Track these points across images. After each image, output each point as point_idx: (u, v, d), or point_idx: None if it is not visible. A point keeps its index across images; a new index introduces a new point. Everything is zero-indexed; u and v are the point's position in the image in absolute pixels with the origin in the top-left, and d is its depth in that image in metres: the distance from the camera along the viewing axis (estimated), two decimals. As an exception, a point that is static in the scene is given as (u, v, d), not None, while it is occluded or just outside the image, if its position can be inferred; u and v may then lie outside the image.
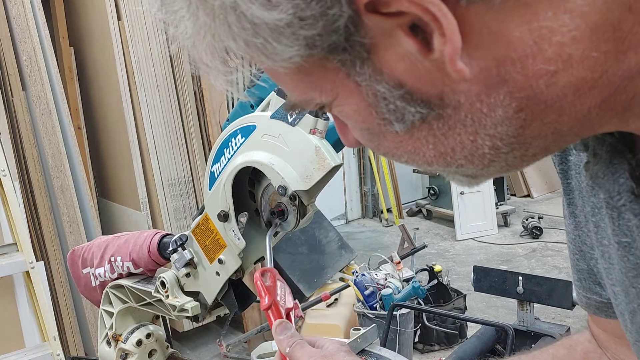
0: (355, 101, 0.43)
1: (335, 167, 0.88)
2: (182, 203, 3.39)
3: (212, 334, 3.52)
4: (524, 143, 0.43)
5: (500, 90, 0.40)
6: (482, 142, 0.42)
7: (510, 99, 0.40)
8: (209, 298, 1.11)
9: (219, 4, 0.39)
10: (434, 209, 5.96)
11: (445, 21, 0.36)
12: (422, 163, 0.46)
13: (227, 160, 0.99)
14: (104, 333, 1.27)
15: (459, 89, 0.40)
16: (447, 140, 0.43)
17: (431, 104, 0.41)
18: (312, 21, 0.38)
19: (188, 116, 3.40)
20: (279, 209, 0.96)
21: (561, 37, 0.37)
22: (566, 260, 4.63)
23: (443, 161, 0.45)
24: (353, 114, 0.45)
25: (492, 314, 3.74)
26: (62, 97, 3.11)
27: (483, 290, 2.88)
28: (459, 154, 0.44)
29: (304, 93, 0.46)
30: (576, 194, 0.61)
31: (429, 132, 0.43)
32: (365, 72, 0.41)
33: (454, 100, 0.41)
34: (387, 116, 0.43)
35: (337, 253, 3.79)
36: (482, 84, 0.40)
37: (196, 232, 1.09)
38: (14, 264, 2.39)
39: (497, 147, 0.43)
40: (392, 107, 0.42)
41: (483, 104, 0.40)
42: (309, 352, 0.72)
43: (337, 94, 0.44)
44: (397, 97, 0.41)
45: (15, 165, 2.92)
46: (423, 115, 0.42)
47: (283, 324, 0.76)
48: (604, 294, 0.65)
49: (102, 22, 3.25)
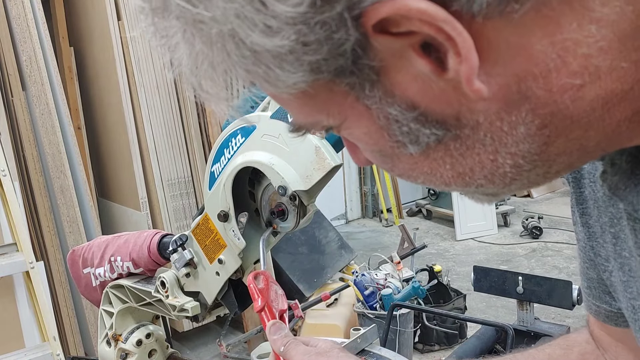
0: (366, 124, 0.41)
1: (335, 167, 0.88)
2: (182, 203, 3.39)
3: (212, 334, 3.51)
4: (547, 160, 0.41)
5: (522, 108, 0.37)
6: (502, 161, 0.40)
7: (532, 115, 0.38)
8: (209, 298, 1.11)
9: (216, 32, 0.36)
10: (434, 209, 5.96)
11: (460, 40, 0.34)
12: (439, 184, 0.44)
13: (227, 160, 0.99)
14: (104, 333, 1.27)
15: (477, 109, 0.38)
16: (466, 160, 0.41)
17: (447, 125, 0.39)
18: (317, 46, 0.35)
19: (188, 116, 3.40)
20: (279, 209, 0.96)
21: (587, 48, 0.35)
22: (566, 260, 4.63)
23: (462, 181, 0.43)
24: (363, 137, 0.43)
25: (492, 314, 3.74)
26: (62, 97, 3.11)
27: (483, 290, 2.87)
28: (479, 174, 0.42)
29: (310, 116, 0.44)
30: (590, 203, 0.58)
31: (445, 152, 0.41)
32: (375, 95, 0.39)
33: (472, 120, 0.39)
34: (400, 138, 0.41)
35: (337, 253, 3.79)
36: (501, 101, 0.37)
37: (196, 232, 1.09)
38: (14, 264, 2.39)
39: (519, 165, 0.40)
40: (406, 130, 0.40)
41: (503, 122, 0.38)
42: (302, 351, 0.73)
43: (345, 117, 0.42)
44: (411, 119, 0.39)
45: (15, 165, 2.92)
46: (439, 136, 0.40)
47: (277, 325, 0.77)
48: (614, 303, 0.64)
49: (102, 22, 3.25)
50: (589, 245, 0.61)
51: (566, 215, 5.71)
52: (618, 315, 0.65)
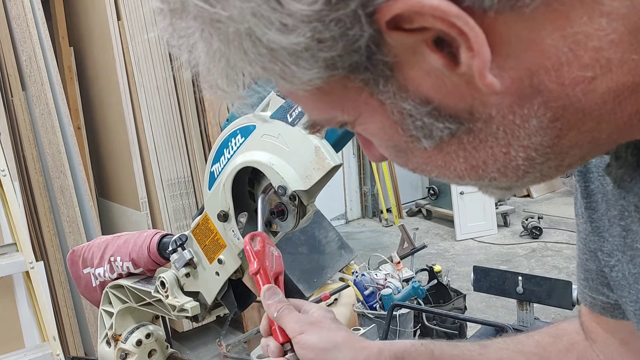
0: (380, 119, 0.42)
1: (335, 167, 0.88)
2: (182, 203, 3.39)
3: (212, 334, 3.51)
4: (559, 153, 0.41)
5: (534, 101, 0.38)
6: (515, 153, 0.41)
7: (545, 109, 0.38)
8: (208, 298, 1.11)
9: (233, 31, 0.37)
10: (434, 209, 5.96)
11: (472, 34, 0.35)
12: (453, 177, 0.44)
13: (226, 160, 0.99)
14: (104, 333, 1.27)
15: (490, 102, 0.38)
16: (479, 153, 0.41)
17: (460, 119, 0.40)
18: (332, 43, 0.36)
19: (188, 116, 3.40)
20: (279, 209, 0.96)
21: (598, 41, 0.36)
22: (566, 260, 4.63)
23: (475, 175, 0.43)
24: (378, 132, 0.43)
25: (492, 314, 3.74)
26: (62, 97, 3.11)
27: (483, 290, 2.87)
28: (492, 167, 0.42)
29: (325, 112, 0.44)
30: (598, 197, 0.59)
31: (458, 146, 0.41)
32: (389, 90, 0.39)
33: (485, 113, 0.39)
34: (414, 133, 0.41)
35: (337, 253, 3.79)
36: (514, 95, 0.38)
37: (196, 232, 1.09)
38: (14, 264, 2.39)
39: (532, 158, 0.41)
40: (419, 124, 0.40)
41: (516, 116, 0.39)
42: (296, 318, 0.73)
43: (359, 112, 0.42)
44: (424, 113, 0.40)
45: (15, 165, 2.92)
46: (452, 130, 0.40)
47: (272, 289, 0.77)
48: (611, 295, 0.64)
49: (102, 22, 3.25)
50: (591, 239, 0.62)
51: (566, 215, 5.72)
52: (615, 307, 0.65)
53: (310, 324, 0.72)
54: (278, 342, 0.73)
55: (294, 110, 0.88)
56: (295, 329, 0.72)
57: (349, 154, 6.15)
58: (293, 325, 0.72)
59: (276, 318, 0.74)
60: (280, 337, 0.73)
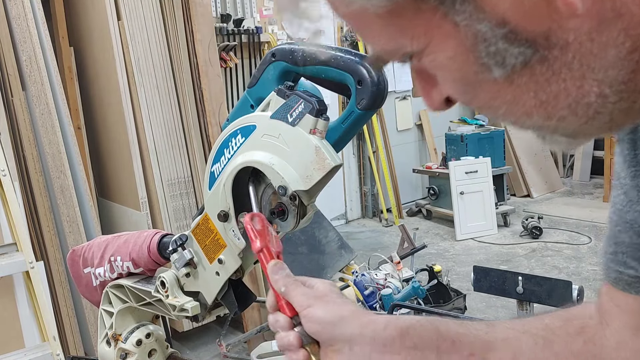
0: (451, 46, 0.40)
1: (336, 167, 0.88)
2: (182, 203, 3.39)
3: (212, 334, 3.51)
4: (633, 91, 0.39)
5: (614, 27, 0.36)
6: (589, 88, 0.38)
7: (624, 36, 0.36)
8: (208, 298, 1.11)
9: None
10: (434, 209, 5.96)
11: None
12: (521, 114, 0.42)
13: (227, 160, 0.99)
14: (104, 333, 1.27)
15: (568, 26, 0.36)
16: (550, 86, 0.39)
17: (536, 44, 0.38)
18: None
19: (188, 116, 3.40)
20: (279, 209, 0.96)
21: None
22: (566, 261, 4.63)
23: (544, 112, 0.41)
24: (447, 62, 0.41)
25: (492, 314, 3.74)
26: (62, 97, 3.11)
27: (483, 290, 2.87)
28: (563, 103, 0.40)
29: (393, 39, 0.42)
30: None
31: (530, 77, 0.40)
32: (465, 10, 0.37)
33: (562, 39, 0.37)
34: (485, 60, 0.40)
35: (337, 253, 3.79)
36: (594, 19, 0.36)
37: (196, 232, 1.09)
38: (14, 264, 2.39)
39: (605, 95, 0.39)
40: (493, 50, 0.39)
41: (594, 44, 0.37)
42: (302, 292, 0.74)
43: (430, 39, 0.40)
44: (500, 36, 0.38)
45: (15, 165, 2.92)
46: (526, 57, 0.38)
47: (278, 264, 0.77)
48: None
49: (102, 22, 3.25)
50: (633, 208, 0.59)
51: (566, 216, 5.72)
52: None
53: (316, 298, 0.73)
54: (287, 315, 0.74)
55: (294, 110, 0.89)
56: (303, 302, 0.73)
57: (349, 154, 6.15)
58: (300, 298, 0.73)
59: (284, 292, 0.74)
60: (288, 311, 0.74)
